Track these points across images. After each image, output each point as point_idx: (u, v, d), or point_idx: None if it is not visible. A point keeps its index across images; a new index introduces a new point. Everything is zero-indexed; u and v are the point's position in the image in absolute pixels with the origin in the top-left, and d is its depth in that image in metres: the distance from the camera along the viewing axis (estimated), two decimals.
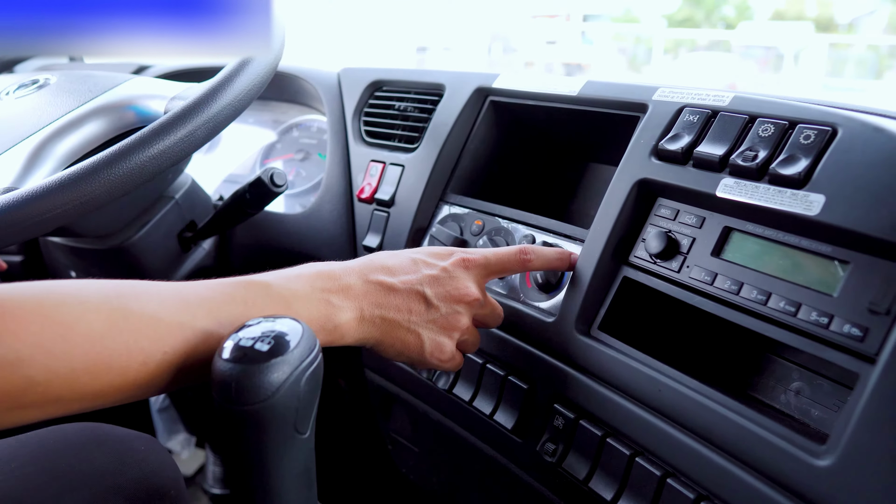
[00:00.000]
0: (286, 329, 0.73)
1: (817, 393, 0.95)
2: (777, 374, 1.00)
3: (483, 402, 1.12)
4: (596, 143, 1.27)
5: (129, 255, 1.36)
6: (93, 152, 1.05)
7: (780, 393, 0.99)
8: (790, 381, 0.99)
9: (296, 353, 0.70)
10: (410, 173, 1.33)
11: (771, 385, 1.00)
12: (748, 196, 0.89)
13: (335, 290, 0.80)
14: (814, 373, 0.95)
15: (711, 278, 0.91)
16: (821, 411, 0.94)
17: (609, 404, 0.96)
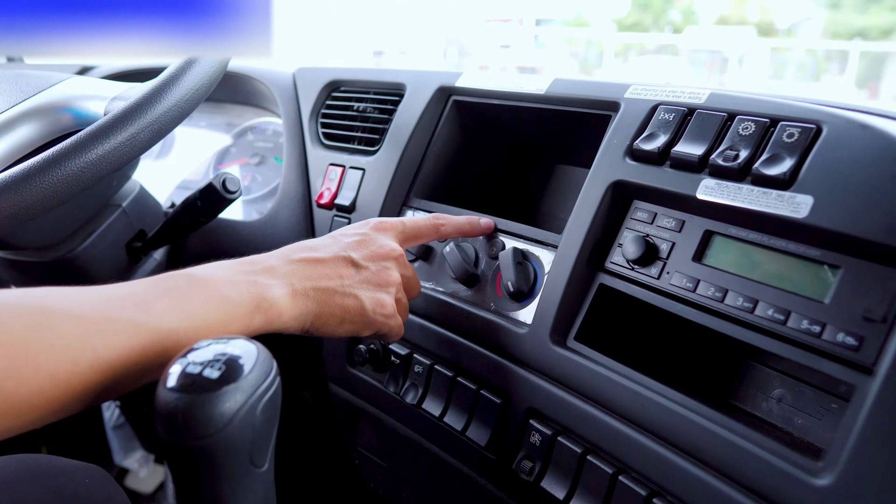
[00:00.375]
0: (239, 352, 0.65)
1: (800, 401, 0.90)
2: (758, 381, 0.94)
3: (454, 418, 1.05)
4: (566, 144, 1.20)
5: (73, 268, 1.25)
6: (25, 158, 0.95)
7: (761, 401, 0.94)
8: (771, 388, 0.94)
9: (250, 379, 0.62)
10: (371, 177, 1.25)
11: (752, 393, 0.95)
12: (730, 198, 0.83)
13: (260, 272, 0.78)
14: (796, 379, 0.90)
15: (693, 285, 0.85)
16: (805, 420, 0.88)
17: (589, 419, 0.89)
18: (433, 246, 1.15)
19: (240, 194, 1.16)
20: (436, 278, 1.13)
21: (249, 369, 0.63)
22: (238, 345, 0.66)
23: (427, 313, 1.11)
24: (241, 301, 0.72)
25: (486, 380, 1.02)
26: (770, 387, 0.93)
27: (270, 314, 0.75)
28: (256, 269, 0.77)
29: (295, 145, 1.40)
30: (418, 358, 1.11)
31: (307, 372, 1.43)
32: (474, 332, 1.04)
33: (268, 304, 0.74)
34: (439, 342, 1.09)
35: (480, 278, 1.07)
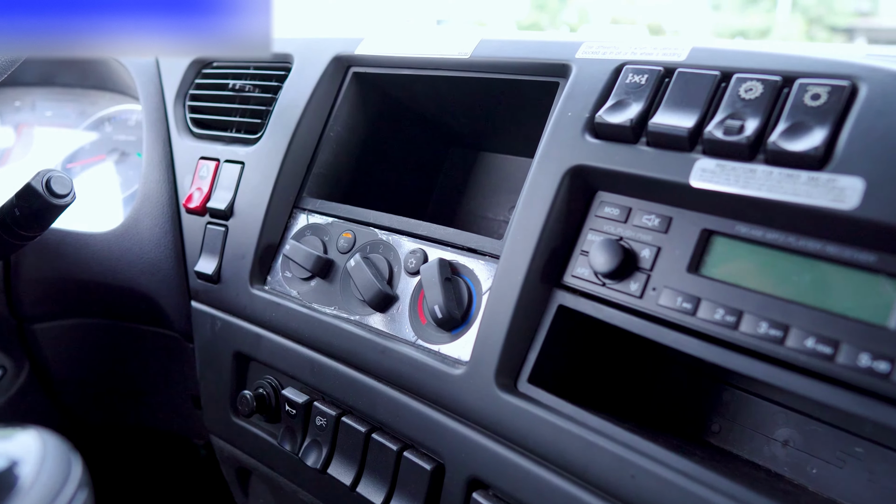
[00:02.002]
0: (15, 453, 0.41)
1: (813, 443, 0.67)
2: (757, 418, 0.70)
3: (371, 489, 0.76)
4: (498, 125, 0.93)
5: None
6: None
7: (762, 444, 0.70)
8: (774, 427, 0.70)
9: (32, 496, 0.39)
10: (253, 172, 0.95)
11: (748, 434, 0.71)
12: (740, 184, 0.58)
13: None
14: (805, 416, 0.67)
15: (692, 305, 0.59)
16: (821, 468, 0.65)
17: (554, 495, 0.62)
18: (333, 259, 0.86)
19: (73, 198, 0.83)
20: (338, 301, 0.84)
21: (29, 485, 0.39)
22: (15, 442, 0.40)
23: (329, 348, 0.82)
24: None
25: (411, 437, 0.74)
26: (772, 425, 0.70)
27: None
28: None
29: (157, 136, 1.07)
30: (321, 407, 0.82)
31: (185, 418, 1.11)
32: (393, 374, 0.75)
33: None
34: (347, 387, 0.80)
35: (397, 300, 0.79)
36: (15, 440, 0.43)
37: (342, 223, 0.87)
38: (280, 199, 0.92)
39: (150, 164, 1.05)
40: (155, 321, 1.04)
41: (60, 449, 0.43)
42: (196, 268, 0.97)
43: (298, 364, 0.85)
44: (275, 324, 0.87)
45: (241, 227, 0.94)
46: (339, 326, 0.81)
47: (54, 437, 0.44)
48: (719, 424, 0.74)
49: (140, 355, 1.10)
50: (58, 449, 0.43)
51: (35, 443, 0.43)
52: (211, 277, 0.95)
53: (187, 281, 1.00)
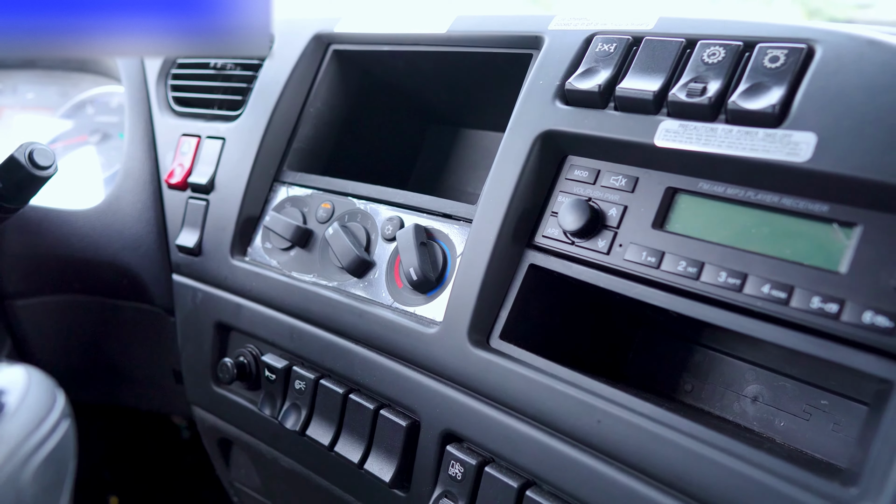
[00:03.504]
0: (3, 382, 0.43)
1: (781, 398, 0.69)
2: (726, 376, 0.73)
3: (349, 447, 0.77)
4: (474, 100, 0.95)
5: None
6: None
7: (731, 401, 0.72)
8: (744, 384, 0.72)
9: (12, 426, 0.39)
10: (234, 148, 0.96)
11: (720, 392, 0.73)
12: (701, 142, 0.60)
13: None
14: (774, 372, 0.69)
15: (656, 259, 0.61)
16: (789, 421, 0.67)
17: (525, 444, 0.64)
18: (312, 229, 0.87)
19: (55, 170, 0.83)
20: (317, 269, 0.85)
21: (12, 410, 0.40)
22: (2, 373, 0.41)
23: (307, 314, 0.83)
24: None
25: (387, 396, 0.75)
26: (742, 382, 0.72)
27: None
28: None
29: (139, 114, 1.08)
30: (299, 371, 0.83)
31: (165, 392, 1.11)
32: (370, 336, 0.76)
33: None
34: (325, 350, 0.81)
35: (374, 266, 0.80)
36: (0, 373, 0.44)
37: (321, 194, 0.88)
38: (260, 173, 0.93)
39: (132, 141, 1.05)
40: (136, 296, 1.05)
41: (45, 382, 0.44)
42: (177, 241, 0.97)
43: (278, 331, 0.85)
44: (255, 293, 0.88)
45: (221, 201, 0.94)
46: (317, 293, 0.82)
47: (39, 372, 0.45)
48: (691, 384, 0.76)
49: (121, 331, 1.10)
50: (42, 382, 0.44)
51: (20, 375, 0.44)
52: (192, 250, 0.95)
53: (168, 255, 1.00)
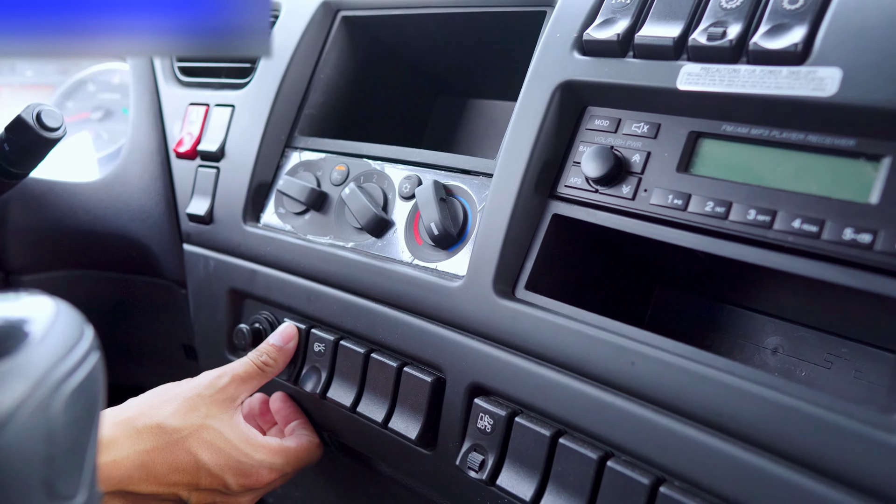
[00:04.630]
0: (25, 312, 0.40)
1: (801, 348, 0.69)
2: (745, 329, 0.73)
3: (371, 407, 0.77)
4: (488, 64, 0.94)
5: None
6: None
7: (752, 353, 0.72)
8: (763, 336, 0.72)
9: (40, 354, 0.38)
10: (244, 114, 0.95)
11: (739, 344, 0.73)
12: (724, 84, 0.60)
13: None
14: (792, 323, 0.69)
15: (683, 201, 0.61)
16: (811, 371, 0.68)
17: (556, 391, 0.64)
18: (327, 191, 0.86)
19: (63, 133, 0.82)
20: (333, 231, 0.84)
21: (39, 338, 0.38)
22: (26, 303, 0.41)
23: (325, 276, 0.82)
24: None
25: (411, 354, 0.75)
26: (762, 335, 0.72)
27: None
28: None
29: (145, 86, 1.06)
30: (318, 333, 0.82)
31: (179, 368, 1.10)
32: (391, 294, 0.76)
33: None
34: (345, 311, 0.80)
35: (392, 225, 0.80)
36: (24, 301, 0.43)
37: (335, 157, 0.88)
38: (271, 139, 0.92)
39: (138, 113, 1.04)
40: (146, 269, 1.04)
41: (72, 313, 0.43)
42: (188, 210, 0.96)
43: (294, 295, 0.85)
44: (269, 258, 0.88)
45: (232, 168, 0.93)
46: (334, 254, 0.81)
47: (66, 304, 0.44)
48: (711, 338, 0.76)
49: (131, 307, 1.09)
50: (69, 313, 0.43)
51: (46, 304, 0.42)
52: (203, 218, 0.94)
53: (178, 225, 0.99)
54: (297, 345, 0.83)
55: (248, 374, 0.78)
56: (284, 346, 0.82)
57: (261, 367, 0.79)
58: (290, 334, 0.83)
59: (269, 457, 0.76)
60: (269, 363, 0.80)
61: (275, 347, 0.81)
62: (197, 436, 0.71)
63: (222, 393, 0.76)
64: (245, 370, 0.78)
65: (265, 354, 0.80)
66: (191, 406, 0.73)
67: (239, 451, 0.73)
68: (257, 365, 0.79)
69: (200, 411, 0.73)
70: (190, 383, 0.77)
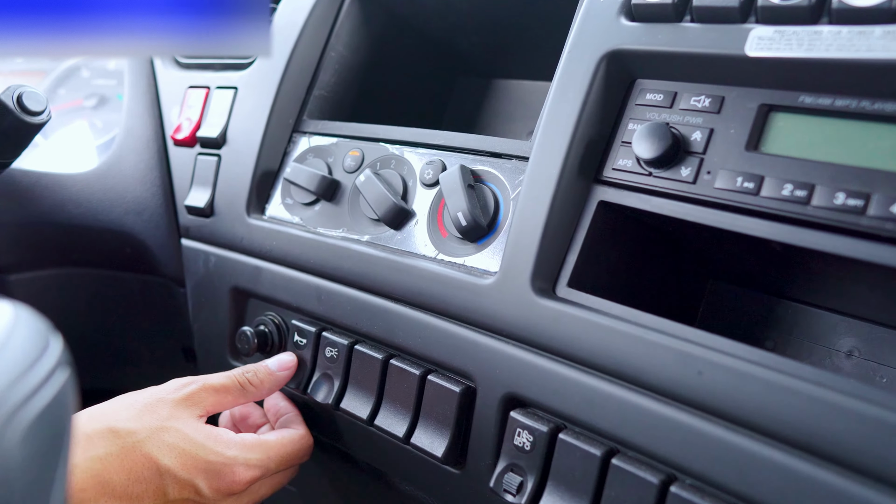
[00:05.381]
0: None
1: (881, 351, 0.61)
2: (814, 330, 0.65)
3: (391, 420, 0.69)
4: (515, 40, 0.86)
5: None
6: None
7: (823, 356, 0.64)
8: (836, 337, 0.64)
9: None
10: (247, 97, 0.87)
11: (807, 346, 0.65)
12: (804, 48, 0.52)
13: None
14: (871, 322, 0.61)
15: (755, 184, 0.53)
16: (892, 376, 0.59)
17: (606, 404, 0.55)
18: (339, 179, 0.78)
19: (47, 117, 0.75)
20: (347, 223, 0.76)
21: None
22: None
23: (337, 272, 0.74)
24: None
25: (435, 360, 0.67)
26: (833, 336, 0.64)
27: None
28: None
29: (140, 68, 0.99)
30: (330, 337, 0.74)
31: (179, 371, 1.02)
32: (412, 292, 0.68)
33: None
34: (359, 312, 0.72)
35: (413, 216, 0.72)
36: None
37: (348, 142, 0.80)
38: (278, 123, 0.84)
39: (133, 98, 0.97)
40: (141, 266, 0.96)
41: (35, 321, 0.35)
42: (186, 202, 0.88)
43: (303, 294, 0.77)
44: (275, 253, 0.80)
45: (235, 155, 0.86)
46: (348, 248, 0.73)
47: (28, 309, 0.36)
48: (773, 340, 0.68)
49: (126, 307, 1.01)
50: (31, 320, 0.35)
51: (2, 310, 0.35)
52: (203, 211, 0.86)
53: (176, 218, 0.92)
54: (290, 376, 0.75)
55: (224, 387, 0.69)
56: (277, 371, 0.74)
57: (241, 384, 0.71)
58: (288, 364, 0.75)
59: (244, 452, 0.66)
60: (253, 382, 0.71)
61: (265, 370, 0.73)
62: (156, 438, 0.62)
63: (188, 399, 0.67)
64: (221, 381, 0.70)
65: (252, 372, 0.72)
66: (148, 408, 0.64)
67: (207, 451, 0.64)
68: (238, 380, 0.71)
69: (159, 413, 0.64)
70: (151, 388, 0.68)
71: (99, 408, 0.65)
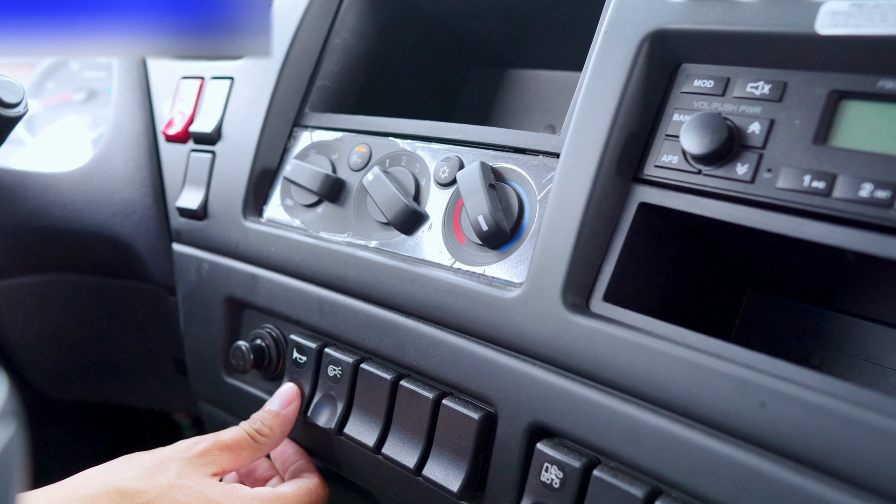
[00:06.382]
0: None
1: None
2: (865, 346, 0.58)
3: (400, 449, 0.62)
4: (538, 24, 0.79)
5: None
6: None
7: (875, 376, 0.57)
8: (891, 353, 0.58)
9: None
10: (244, 88, 0.80)
11: (857, 364, 0.59)
12: (889, 24, 0.45)
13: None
14: None
15: (826, 184, 0.46)
16: None
17: (648, 437, 0.48)
18: (344, 178, 0.72)
19: (24, 109, 0.68)
20: (352, 227, 0.70)
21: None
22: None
23: (341, 282, 0.67)
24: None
25: (451, 382, 0.60)
26: (890, 352, 0.58)
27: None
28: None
29: (130, 59, 0.92)
30: (333, 354, 0.67)
31: (166, 384, 0.96)
32: (425, 305, 0.61)
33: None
34: (366, 327, 0.66)
35: (427, 219, 0.65)
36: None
37: (354, 137, 0.73)
38: (277, 117, 0.77)
39: (122, 91, 0.90)
40: (130, 272, 0.89)
41: None
42: (178, 203, 0.82)
43: (304, 305, 0.70)
44: (274, 260, 0.73)
45: (230, 152, 0.79)
46: (354, 255, 0.66)
47: None
48: (819, 356, 0.61)
49: (113, 316, 0.95)
50: None
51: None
52: (196, 213, 0.80)
53: (168, 221, 0.85)
54: (297, 410, 0.69)
55: (236, 443, 0.64)
56: (282, 411, 0.68)
57: (253, 437, 0.66)
58: (290, 397, 0.69)
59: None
60: (263, 432, 0.66)
61: (271, 413, 0.68)
62: (168, 498, 0.57)
63: (200, 457, 0.62)
64: (232, 437, 0.65)
65: (259, 422, 0.67)
66: (157, 467, 0.59)
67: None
68: (249, 434, 0.65)
69: (170, 471, 0.59)
70: (159, 449, 0.63)
71: (103, 467, 0.60)
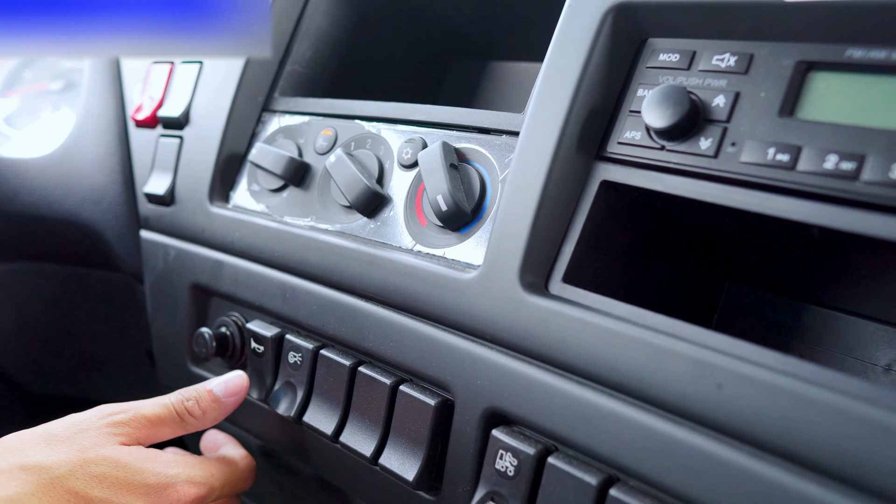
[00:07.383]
0: None
1: None
2: (846, 340, 0.56)
3: (358, 437, 0.60)
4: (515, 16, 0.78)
5: None
6: None
7: (856, 371, 0.55)
8: (873, 349, 0.55)
9: None
10: (213, 72, 0.79)
11: (838, 358, 0.56)
12: None
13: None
14: None
15: (791, 156, 0.44)
16: None
17: (605, 423, 0.47)
18: (309, 162, 0.70)
19: None
20: (316, 211, 0.68)
21: None
22: None
23: (303, 267, 0.66)
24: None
25: (409, 368, 0.58)
26: (870, 347, 0.56)
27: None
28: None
29: None
30: (294, 340, 0.66)
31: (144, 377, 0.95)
32: (385, 289, 0.60)
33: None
34: (326, 312, 0.64)
35: (389, 202, 0.63)
36: None
37: (321, 121, 0.72)
38: (245, 101, 0.76)
39: (93, 75, 0.89)
40: (101, 261, 0.88)
41: None
42: (145, 188, 0.81)
43: (266, 291, 0.69)
44: (238, 246, 0.72)
45: (198, 136, 0.78)
46: (315, 238, 0.65)
47: None
48: (799, 349, 0.59)
49: (85, 306, 0.94)
50: None
51: None
52: (163, 199, 0.79)
53: (136, 207, 0.84)
54: (239, 402, 0.65)
55: (159, 419, 0.59)
56: (224, 398, 0.64)
57: (180, 415, 0.61)
58: (236, 389, 0.65)
59: (188, 469, 0.58)
60: (194, 413, 0.61)
61: (210, 395, 0.63)
62: (81, 471, 0.53)
63: (115, 426, 0.58)
64: (156, 413, 0.60)
65: (193, 400, 0.62)
66: (66, 438, 0.55)
67: (146, 473, 0.55)
68: (176, 410, 0.61)
69: (79, 442, 0.55)
70: (71, 416, 0.59)
71: (7, 439, 0.55)
